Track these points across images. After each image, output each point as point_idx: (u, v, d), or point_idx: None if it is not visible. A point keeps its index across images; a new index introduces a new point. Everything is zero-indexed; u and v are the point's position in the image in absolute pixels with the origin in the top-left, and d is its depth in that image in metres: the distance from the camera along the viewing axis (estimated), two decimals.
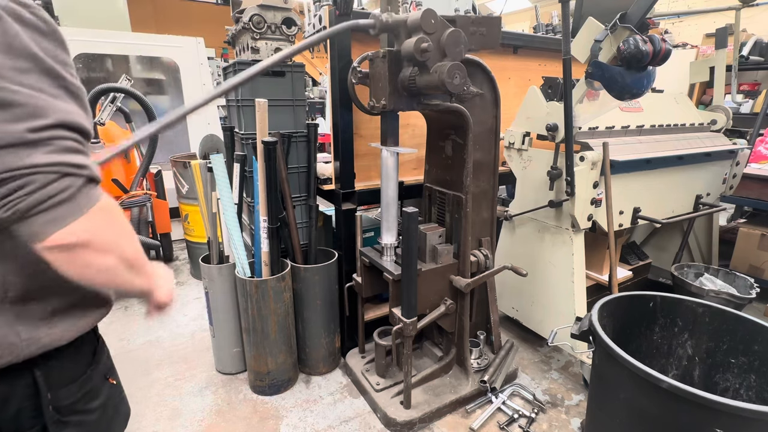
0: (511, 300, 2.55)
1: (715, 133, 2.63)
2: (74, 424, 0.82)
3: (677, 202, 2.55)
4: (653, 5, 1.73)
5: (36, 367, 0.76)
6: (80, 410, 0.84)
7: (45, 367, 0.77)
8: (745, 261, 3.09)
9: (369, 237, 2.58)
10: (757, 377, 1.56)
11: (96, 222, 0.67)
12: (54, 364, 0.78)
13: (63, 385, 0.80)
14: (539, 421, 1.97)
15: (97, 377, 0.89)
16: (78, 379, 0.83)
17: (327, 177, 2.29)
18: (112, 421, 0.94)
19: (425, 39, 1.47)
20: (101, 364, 0.91)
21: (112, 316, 2.88)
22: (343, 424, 1.96)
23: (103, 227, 0.69)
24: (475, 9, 2.79)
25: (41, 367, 0.76)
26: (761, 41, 3.89)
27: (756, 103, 4.34)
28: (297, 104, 2.16)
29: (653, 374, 1.24)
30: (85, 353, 0.86)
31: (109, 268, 0.70)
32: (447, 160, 1.99)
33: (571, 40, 1.84)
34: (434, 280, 1.93)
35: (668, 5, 6.32)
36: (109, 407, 0.92)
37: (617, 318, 1.73)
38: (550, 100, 2.20)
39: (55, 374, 0.79)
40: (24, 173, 0.60)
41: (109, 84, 2.82)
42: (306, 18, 2.25)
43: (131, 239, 0.74)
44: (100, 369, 0.90)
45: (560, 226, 2.19)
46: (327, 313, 2.22)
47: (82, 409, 0.84)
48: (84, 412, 0.84)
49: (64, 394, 0.80)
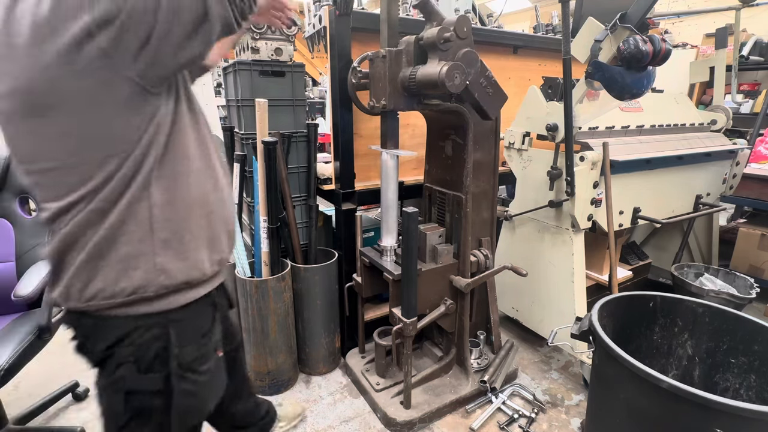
0: (511, 300, 2.55)
1: (715, 133, 2.63)
2: (189, 381, 0.97)
3: (677, 202, 2.55)
4: (653, 5, 1.73)
5: (171, 325, 0.93)
6: (194, 370, 0.98)
7: (176, 327, 0.94)
8: (745, 261, 3.09)
9: (369, 237, 2.58)
10: (757, 377, 1.56)
11: None
12: (183, 326, 0.95)
13: (186, 344, 0.96)
14: (539, 421, 1.97)
15: (210, 346, 1.04)
16: (197, 343, 0.99)
17: (327, 177, 2.29)
18: (214, 386, 1.07)
19: (448, 29, 1.52)
20: (214, 336, 1.05)
21: None
22: (343, 424, 1.96)
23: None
24: (475, 9, 2.78)
25: (174, 325, 0.94)
26: (761, 41, 3.89)
27: (756, 103, 4.34)
28: (297, 104, 2.16)
29: (653, 374, 1.24)
30: (203, 324, 1.02)
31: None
32: (447, 160, 1.99)
33: (571, 40, 1.84)
34: (434, 280, 1.93)
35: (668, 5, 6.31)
36: (214, 374, 1.05)
37: (617, 318, 1.73)
38: (550, 100, 2.20)
39: (182, 334, 0.95)
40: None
41: None
42: (306, 18, 2.25)
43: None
44: (213, 340, 1.05)
45: (560, 226, 2.19)
46: (327, 313, 2.22)
47: (196, 369, 0.98)
48: (197, 372, 0.99)
49: (187, 352, 0.96)
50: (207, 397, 1.05)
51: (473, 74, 1.60)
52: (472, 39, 1.64)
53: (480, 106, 1.73)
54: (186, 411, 0.99)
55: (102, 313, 0.89)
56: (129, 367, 0.91)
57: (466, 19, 1.59)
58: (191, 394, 0.98)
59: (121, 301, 0.88)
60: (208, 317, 1.04)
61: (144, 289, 0.88)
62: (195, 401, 1.00)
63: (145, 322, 0.91)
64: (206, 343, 1.02)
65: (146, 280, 0.88)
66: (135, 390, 0.93)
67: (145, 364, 0.92)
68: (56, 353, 2.48)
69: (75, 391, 2.09)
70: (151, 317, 0.92)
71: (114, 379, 0.92)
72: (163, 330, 0.93)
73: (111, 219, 0.83)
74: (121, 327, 0.90)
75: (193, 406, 1.00)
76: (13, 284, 1.52)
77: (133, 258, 0.87)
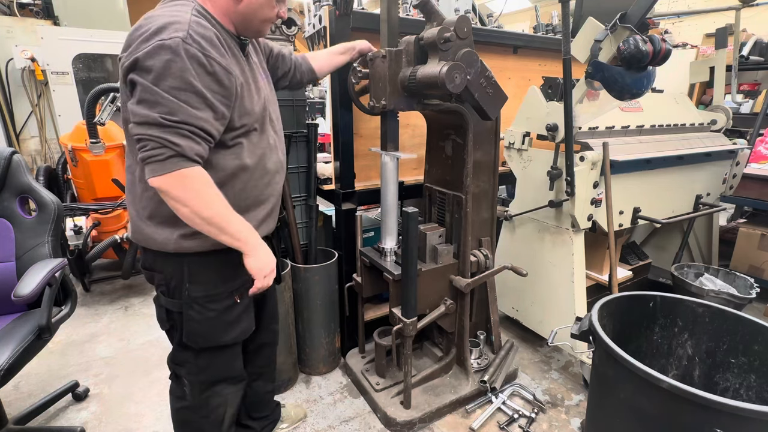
0: (511, 300, 2.55)
1: (715, 133, 2.63)
2: (195, 311, 1.25)
3: (677, 202, 2.55)
4: (653, 5, 1.73)
5: (185, 266, 1.22)
6: (202, 305, 1.25)
7: (189, 267, 1.23)
8: (745, 261, 3.08)
9: (369, 237, 2.58)
10: (757, 377, 1.56)
11: (172, 181, 1.05)
12: (195, 269, 1.24)
13: (196, 283, 1.24)
14: (539, 421, 1.97)
15: (224, 291, 1.28)
16: (207, 284, 1.25)
17: (327, 177, 2.29)
18: (228, 324, 1.31)
19: (448, 29, 1.52)
20: (230, 284, 1.29)
21: (113, 316, 2.89)
22: (343, 424, 1.96)
23: (177, 186, 1.05)
24: (475, 9, 2.79)
25: (188, 266, 1.23)
26: (761, 41, 3.89)
27: (756, 103, 4.33)
28: (297, 104, 2.16)
29: (653, 374, 1.24)
30: (216, 273, 1.26)
31: (187, 217, 1.09)
32: (447, 160, 1.99)
33: (571, 40, 1.84)
34: (434, 280, 1.93)
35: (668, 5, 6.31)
36: (227, 314, 1.30)
37: (617, 318, 1.73)
38: (550, 100, 2.20)
39: (193, 274, 1.23)
40: (145, 138, 1.03)
41: (109, 84, 2.82)
42: (306, 18, 2.25)
43: (206, 203, 1.09)
44: (228, 287, 1.29)
45: (560, 226, 2.19)
46: (327, 313, 2.22)
47: (203, 305, 1.25)
48: (204, 307, 1.26)
49: (195, 289, 1.24)
50: (217, 329, 1.30)
51: (473, 74, 1.60)
52: (472, 39, 1.64)
53: (480, 107, 1.73)
54: (192, 332, 1.27)
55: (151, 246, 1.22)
56: (162, 290, 1.27)
57: (466, 19, 1.59)
58: (196, 321, 1.26)
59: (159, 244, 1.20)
60: (224, 269, 1.27)
61: (164, 245, 1.20)
62: (199, 327, 1.27)
63: (168, 258, 1.22)
64: (217, 287, 1.27)
65: (167, 239, 1.19)
66: (166, 307, 1.27)
67: (170, 290, 1.25)
68: (56, 353, 2.49)
69: (75, 391, 2.08)
70: (172, 256, 1.21)
71: (156, 296, 1.30)
72: (179, 268, 1.23)
73: None
74: (154, 257, 1.24)
75: (197, 330, 1.27)
76: (13, 284, 1.51)
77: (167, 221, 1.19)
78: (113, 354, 2.49)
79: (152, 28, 1.02)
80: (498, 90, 1.74)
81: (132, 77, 1.03)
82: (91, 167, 2.91)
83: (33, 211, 1.80)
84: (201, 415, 1.39)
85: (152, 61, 1.00)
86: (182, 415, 1.41)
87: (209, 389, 1.38)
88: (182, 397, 1.39)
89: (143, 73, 1.01)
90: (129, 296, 3.18)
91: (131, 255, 2.93)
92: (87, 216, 2.99)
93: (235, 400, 1.47)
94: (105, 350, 2.53)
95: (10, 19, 3.85)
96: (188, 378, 1.36)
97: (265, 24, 1.25)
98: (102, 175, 2.96)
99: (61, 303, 1.82)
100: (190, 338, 1.28)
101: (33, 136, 4.04)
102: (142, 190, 1.18)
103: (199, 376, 1.35)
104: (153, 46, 0.99)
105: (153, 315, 2.99)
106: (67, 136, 2.99)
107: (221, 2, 1.16)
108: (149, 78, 1.01)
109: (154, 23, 1.03)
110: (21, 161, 1.80)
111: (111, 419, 1.99)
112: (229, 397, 1.43)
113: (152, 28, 1.02)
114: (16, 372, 1.50)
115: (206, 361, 1.34)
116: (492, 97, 1.74)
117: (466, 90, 1.64)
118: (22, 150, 4.02)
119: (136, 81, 1.02)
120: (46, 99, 3.94)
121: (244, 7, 1.17)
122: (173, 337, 1.34)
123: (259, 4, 1.18)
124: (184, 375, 1.36)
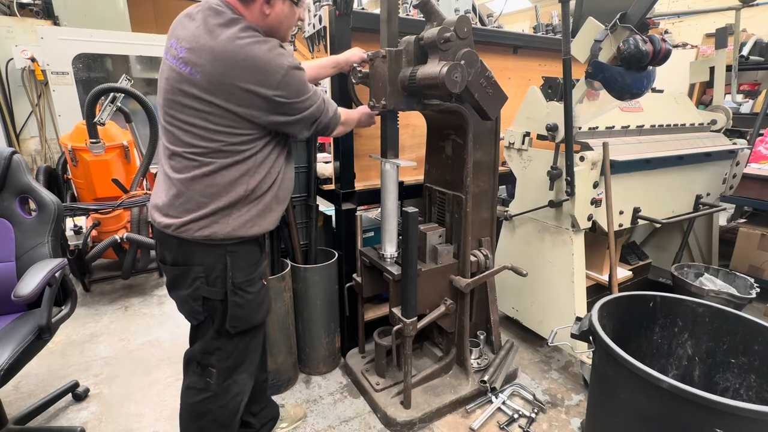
0: (511, 300, 2.55)
1: (715, 133, 2.63)
2: (239, 296, 1.36)
3: (677, 202, 2.55)
4: (653, 5, 1.73)
5: (228, 255, 1.33)
6: (243, 290, 1.37)
7: (231, 256, 1.34)
8: (745, 261, 3.09)
9: (369, 237, 2.58)
10: (757, 377, 1.56)
11: (344, 118, 1.55)
12: (236, 256, 1.34)
13: (238, 270, 1.35)
14: (539, 421, 1.97)
15: (257, 275, 1.43)
16: (246, 270, 1.38)
17: (327, 177, 2.29)
18: (260, 305, 1.46)
19: (448, 29, 1.52)
20: (260, 268, 1.46)
21: (113, 316, 2.89)
22: (343, 424, 1.96)
23: (347, 120, 1.58)
24: (475, 9, 2.79)
25: (230, 255, 1.33)
26: (761, 41, 3.89)
27: (756, 103, 4.34)
28: None
29: (653, 374, 1.24)
30: (252, 258, 1.41)
31: (349, 124, 1.63)
32: (447, 160, 1.99)
33: (571, 40, 1.84)
34: (434, 280, 1.93)
35: (668, 5, 6.31)
36: (259, 296, 1.45)
37: (617, 318, 1.73)
38: (550, 100, 2.20)
39: (236, 262, 1.34)
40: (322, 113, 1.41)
41: (109, 84, 2.82)
42: (306, 18, 2.25)
43: (354, 118, 1.66)
44: (259, 271, 1.45)
45: (560, 226, 2.19)
46: (327, 313, 2.22)
47: (244, 289, 1.38)
48: (246, 291, 1.38)
49: (238, 275, 1.35)
50: (254, 311, 1.43)
51: (473, 74, 1.60)
52: (472, 39, 1.63)
53: (480, 107, 1.73)
54: (235, 316, 1.37)
55: (185, 239, 1.30)
56: (202, 281, 1.33)
57: (467, 19, 1.59)
58: (239, 305, 1.37)
59: (200, 238, 1.29)
60: (255, 254, 1.43)
61: (215, 235, 1.30)
62: (242, 311, 1.38)
63: (210, 250, 1.31)
64: (253, 271, 1.41)
65: (220, 230, 1.30)
66: (207, 297, 1.34)
67: (211, 280, 1.33)
68: (56, 353, 2.49)
69: (75, 391, 2.08)
70: (214, 248, 1.31)
71: (194, 289, 1.33)
72: (221, 258, 1.32)
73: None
74: (193, 251, 1.31)
75: (240, 314, 1.38)
76: (13, 284, 1.51)
77: (220, 216, 1.31)
78: (113, 354, 2.49)
79: None
80: (498, 90, 1.74)
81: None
82: (91, 167, 2.91)
83: (33, 211, 1.80)
84: (220, 405, 1.45)
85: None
86: (200, 408, 1.45)
87: (232, 377, 1.45)
88: (204, 389, 1.44)
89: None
90: (129, 296, 3.18)
91: (131, 255, 2.93)
92: (87, 216, 2.99)
93: (249, 391, 1.54)
94: (105, 350, 2.53)
95: (10, 19, 3.85)
96: (218, 365, 1.42)
97: (290, 31, 1.40)
98: (102, 175, 2.96)
99: (61, 303, 1.82)
100: (233, 323, 1.37)
101: (33, 136, 4.04)
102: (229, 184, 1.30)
103: (228, 361, 1.43)
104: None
105: (153, 315, 2.99)
106: (67, 136, 2.99)
107: (253, 17, 1.28)
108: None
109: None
110: (21, 161, 1.80)
111: (111, 419, 1.99)
112: (246, 386, 1.52)
113: None
114: (16, 372, 1.50)
115: (238, 344, 1.44)
116: (492, 97, 1.74)
117: (466, 90, 1.64)
118: (22, 150, 4.02)
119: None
120: (46, 99, 3.94)
121: (273, 19, 1.30)
122: (207, 329, 1.40)
123: (285, 15, 1.32)
124: (213, 363, 1.42)
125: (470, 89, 1.65)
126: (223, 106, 1.20)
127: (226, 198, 1.28)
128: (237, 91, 1.19)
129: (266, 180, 1.35)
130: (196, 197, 1.27)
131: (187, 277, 1.34)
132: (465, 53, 1.56)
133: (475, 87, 1.67)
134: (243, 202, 1.32)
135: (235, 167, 1.28)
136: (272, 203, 1.40)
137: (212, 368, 1.42)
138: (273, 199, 1.40)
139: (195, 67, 1.19)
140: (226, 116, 1.22)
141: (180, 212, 1.28)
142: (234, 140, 1.25)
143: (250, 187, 1.31)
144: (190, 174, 1.26)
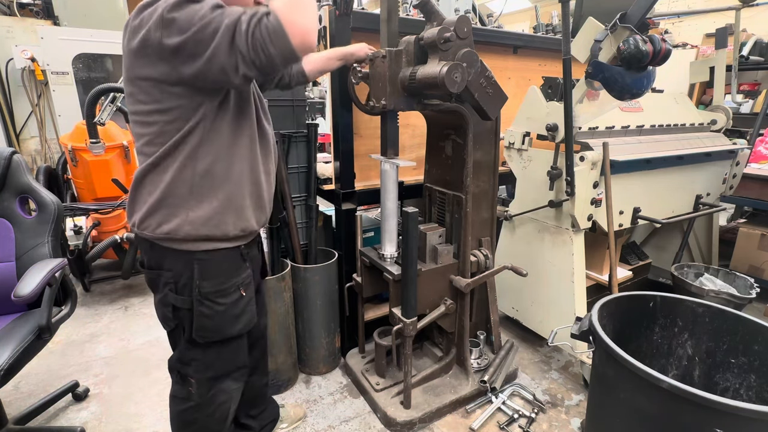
0: (511, 300, 2.55)
1: (715, 133, 2.63)
2: (206, 306, 1.28)
3: (677, 202, 2.55)
4: (653, 5, 1.73)
5: (195, 262, 1.25)
6: (212, 300, 1.29)
7: (200, 264, 1.26)
8: (745, 261, 3.09)
9: (369, 237, 2.58)
10: (757, 377, 1.56)
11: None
12: (205, 264, 1.27)
13: (206, 279, 1.27)
14: (539, 421, 1.97)
15: (232, 286, 1.33)
16: (217, 279, 1.29)
17: (327, 177, 2.29)
18: (236, 317, 1.35)
19: (448, 29, 1.52)
20: (238, 279, 1.34)
21: (113, 316, 2.89)
22: (343, 424, 1.96)
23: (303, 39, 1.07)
24: (475, 9, 2.79)
25: (198, 262, 1.26)
26: (761, 41, 3.89)
27: (756, 103, 4.33)
28: (297, 104, 2.16)
29: (653, 374, 1.24)
30: (225, 267, 1.31)
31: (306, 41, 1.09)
32: (447, 160, 1.99)
33: (571, 40, 1.84)
34: (434, 280, 1.93)
35: (668, 5, 6.31)
36: (235, 307, 1.34)
37: (617, 318, 1.73)
38: (550, 100, 2.20)
39: (205, 271, 1.27)
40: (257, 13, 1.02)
41: (109, 84, 2.82)
42: None
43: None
44: (235, 282, 1.34)
45: (560, 226, 2.19)
46: (327, 313, 2.22)
47: (214, 300, 1.29)
48: (214, 302, 1.29)
49: (205, 285, 1.27)
50: (227, 322, 1.34)
51: (473, 74, 1.60)
52: (472, 39, 1.64)
53: (480, 106, 1.73)
54: (201, 327, 1.30)
55: (153, 241, 1.25)
56: (170, 288, 1.27)
57: (466, 19, 1.59)
58: (206, 316, 1.29)
59: (162, 237, 1.22)
60: (233, 263, 1.33)
61: (175, 232, 1.21)
62: (210, 322, 1.31)
63: (178, 256, 1.25)
64: (225, 281, 1.31)
65: (178, 226, 1.21)
66: (175, 305, 1.29)
67: (179, 287, 1.27)
68: (56, 353, 2.49)
69: (75, 391, 2.08)
70: (182, 254, 1.25)
71: (163, 295, 1.29)
72: (189, 265, 1.25)
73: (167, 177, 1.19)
74: (163, 255, 1.26)
75: (207, 325, 1.31)
76: (13, 284, 1.51)
77: (174, 208, 1.21)
78: (113, 354, 2.49)
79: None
80: (498, 90, 1.74)
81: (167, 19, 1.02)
82: (91, 167, 2.92)
83: (33, 211, 1.80)
84: (206, 414, 1.41)
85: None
86: (186, 416, 1.41)
87: (216, 386, 1.40)
88: (187, 398, 1.39)
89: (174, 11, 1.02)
90: (129, 296, 3.18)
91: (131, 255, 2.93)
92: (87, 216, 2.99)
93: (238, 396, 1.49)
94: (105, 350, 2.53)
95: (10, 19, 3.85)
96: (195, 376, 1.37)
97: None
98: (102, 175, 2.96)
99: (61, 303, 1.82)
100: (199, 333, 1.31)
101: (33, 136, 4.04)
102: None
103: (207, 372, 1.37)
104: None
105: (153, 315, 2.99)
106: (67, 136, 3.00)
107: None
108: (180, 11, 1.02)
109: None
110: (21, 161, 1.80)
111: (111, 419, 1.99)
112: (234, 393, 1.46)
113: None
114: (16, 372, 1.50)
115: (214, 355, 1.37)
116: (492, 97, 1.74)
117: (466, 90, 1.64)
118: (22, 150, 4.02)
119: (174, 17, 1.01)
120: (46, 99, 3.95)
121: None
122: (178, 337, 1.36)
123: None
124: (191, 374, 1.37)
125: (470, 89, 1.65)
126: (140, 76, 1.10)
127: (175, 186, 1.18)
128: (135, 50, 1.08)
129: (219, 164, 1.20)
130: (147, 187, 1.20)
131: (159, 282, 1.30)
132: (465, 53, 1.56)
133: (475, 87, 1.67)
134: (198, 191, 1.20)
135: (178, 150, 1.16)
136: (239, 197, 1.26)
137: (191, 378, 1.37)
138: (239, 192, 1.26)
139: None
140: (147, 89, 1.11)
141: (139, 205, 1.23)
142: (167, 117, 1.13)
143: (197, 171, 1.18)
144: (142, 166, 1.20)
